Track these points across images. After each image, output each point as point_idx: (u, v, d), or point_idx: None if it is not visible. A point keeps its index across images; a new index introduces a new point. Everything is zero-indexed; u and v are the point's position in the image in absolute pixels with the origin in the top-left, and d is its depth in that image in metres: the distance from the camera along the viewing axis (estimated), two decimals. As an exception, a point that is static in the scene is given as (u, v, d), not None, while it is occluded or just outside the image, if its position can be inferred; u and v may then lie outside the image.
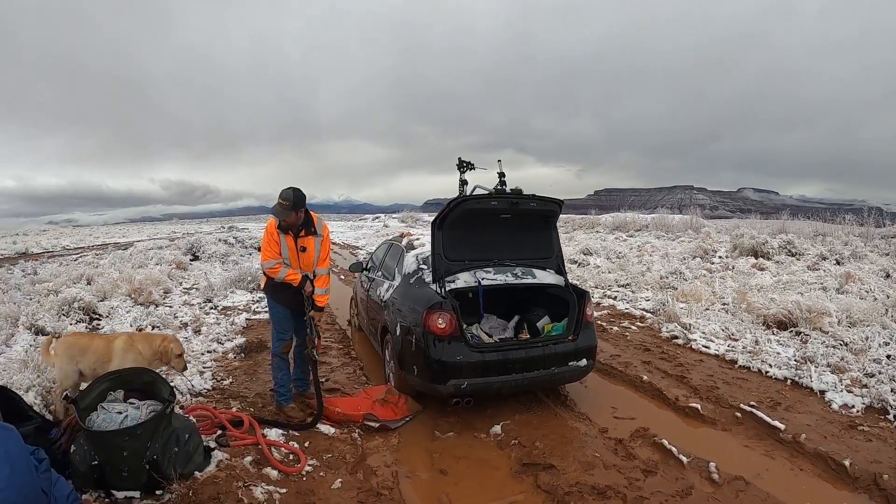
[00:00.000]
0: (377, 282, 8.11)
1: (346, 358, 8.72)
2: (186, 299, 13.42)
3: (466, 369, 5.80)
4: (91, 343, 5.98)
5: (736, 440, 5.64)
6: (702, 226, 28.02)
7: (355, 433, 5.87)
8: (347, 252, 30.61)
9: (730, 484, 4.70)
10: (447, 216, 6.25)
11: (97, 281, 13.97)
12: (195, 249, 23.60)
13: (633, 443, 5.52)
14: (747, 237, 18.97)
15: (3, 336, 8.60)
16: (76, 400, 4.65)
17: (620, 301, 12.47)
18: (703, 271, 15.34)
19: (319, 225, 6.26)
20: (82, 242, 48.36)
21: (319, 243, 6.26)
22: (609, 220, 36.03)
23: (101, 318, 10.81)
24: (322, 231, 6.27)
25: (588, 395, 6.89)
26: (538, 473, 4.95)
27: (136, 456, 4.27)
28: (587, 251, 20.48)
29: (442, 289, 6.18)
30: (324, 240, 6.29)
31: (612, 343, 9.13)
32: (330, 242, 6.47)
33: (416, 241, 7.86)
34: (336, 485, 4.80)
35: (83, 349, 5.89)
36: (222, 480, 4.57)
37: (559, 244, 7.04)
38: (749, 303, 10.25)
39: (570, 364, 6.22)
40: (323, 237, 6.28)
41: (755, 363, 7.54)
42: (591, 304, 6.63)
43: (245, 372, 7.69)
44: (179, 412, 5.39)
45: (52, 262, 22.61)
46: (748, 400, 6.38)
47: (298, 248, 6.19)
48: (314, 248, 6.23)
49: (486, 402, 6.46)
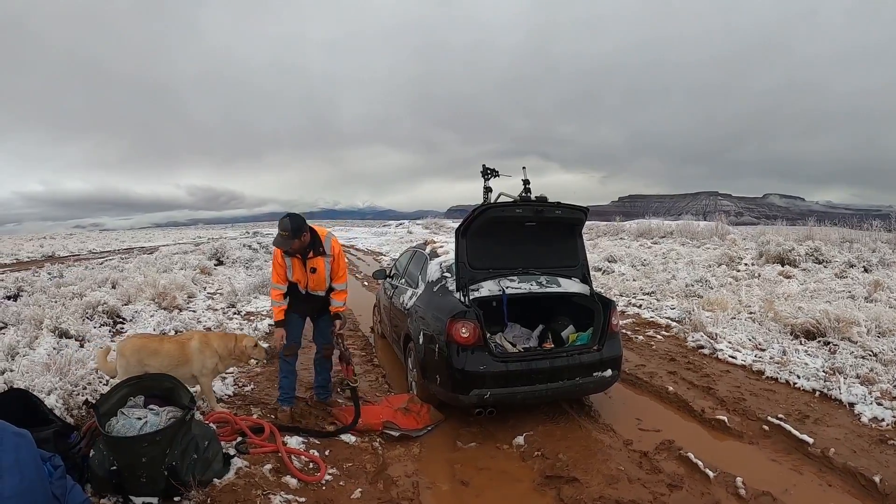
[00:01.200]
0: (400, 289, 8.08)
1: (368, 365, 8.70)
2: (210, 304, 13.49)
3: (490, 379, 5.74)
4: (161, 346, 6.10)
5: (763, 454, 5.51)
6: (727, 232, 27.77)
7: (376, 442, 5.83)
8: (371, 258, 30.66)
9: (756, 499, 4.58)
10: (471, 224, 6.20)
11: (122, 285, 14.08)
12: (219, 254, 23.79)
13: (658, 456, 5.41)
14: (773, 244, 18.74)
15: (27, 339, 8.65)
16: (96, 405, 4.65)
17: (645, 309, 12.36)
18: (729, 279, 15.16)
19: (328, 243, 6.24)
20: (108, 246, 48.96)
21: (329, 263, 6.26)
22: (633, 227, 35.84)
23: (124, 322, 10.88)
24: (331, 251, 6.25)
25: (612, 406, 6.80)
26: (561, 486, 4.87)
27: (154, 462, 4.26)
28: (611, 258, 20.33)
29: (466, 297, 6.13)
30: (334, 259, 6.28)
31: (637, 353, 9.01)
32: (344, 260, 6.46)
33: (440, 248, 7.82)
34: (356, 494, 4.76)
35: (153, 352, 6.00)
36: (241, 488, 4.55)
37: (584, 252, 6.95)
38: (776, 311, 10.08)
39: (594, 374, 6.13)
40: (333, 257, 6.27)
41: (783, 374, 7.37)
42: (617, 314, 6.53)
43: (267, 378, 7.69)
44: (200, 418, 5.38)
45: (77, 265, 22.83)
46: (776, 412, 6.23)
47: (308, 270, 6.22)
48: (324, 269, 6.25)
49: (510, 413, 6.39)
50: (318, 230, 6.20)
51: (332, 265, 6.26)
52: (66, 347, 8.21)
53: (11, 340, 8.34)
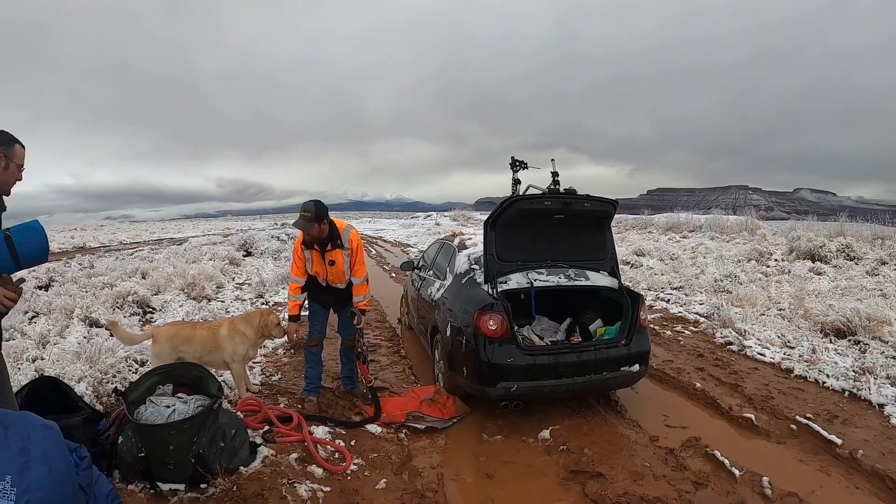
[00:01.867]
0: (428, 281, 8.09)
1: (395, 357, 8.72)
2: (238, 294, 13.62)
3: (516, 372, 5.72)
4: (195, 332, 6.25)
5: (790, 454, 5.41)
6: (757, 227, 27.44)
7: (402, 433, 5.84)
8: (398, 250, 30.74)
9: (782, 500, 4.51)
10: (500, 216, 6.18)
11: (152, 275, 14.27)
12: (248, 245, 23.95)
13: (685, 453, 5.36)
14: (804, 239, 18.45)
15: (58, 328, 8.77)
16: (125, 393, 4.72)
17: (673, 304, 12.25)
18: (758, 275, 14.97)
19: (346, 236, 6.24)
20: (138, 238, 49.49)
21: (347, 256, 6.26)
22: (662, 221, 35.53)
23: (154, 312, 11.01)
24: (349, 244, 6.25)
25: (639, 402, 6.75)
26: (586, 481, 4.84)
27: (182, 449, 4.32)
28: (640, 252, 20.15)
29: (494, 290, 6.12)
30: (352, 252, 6.27)
31: (664, 348, 8.93)
32: (362, 252, 6.44)
33: (469, 240, 7.81)
34: (381, 485, 4.77)
35: (186, 339, 6.16)
36: (267, 476, 4.59)
37: (613, 246, 6.90)
38: (806, 309, 9.94)
39: (622, 369, 6.08)
40: (351, 250, 6.25)
41: (812, 373, 7.26)
42: (646, 308, 6.47)
43: (294, 368, 7.74)
44: (227, 407, 5.43)
45: (108, 256, 23.10)
46: (804, 412, 6.13)
47: (326, 262, 6.25)
48: (342, 261, 6.25)
49: (536, 406, 6.36)
50: (337, 223, 6.22)
51: (350, 258, 6.27)
52: (96, 336, 8.33)
53: (43, 329, 8.48)
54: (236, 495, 4.31)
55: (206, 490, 4.37)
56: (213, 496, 4.32)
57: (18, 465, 2.62)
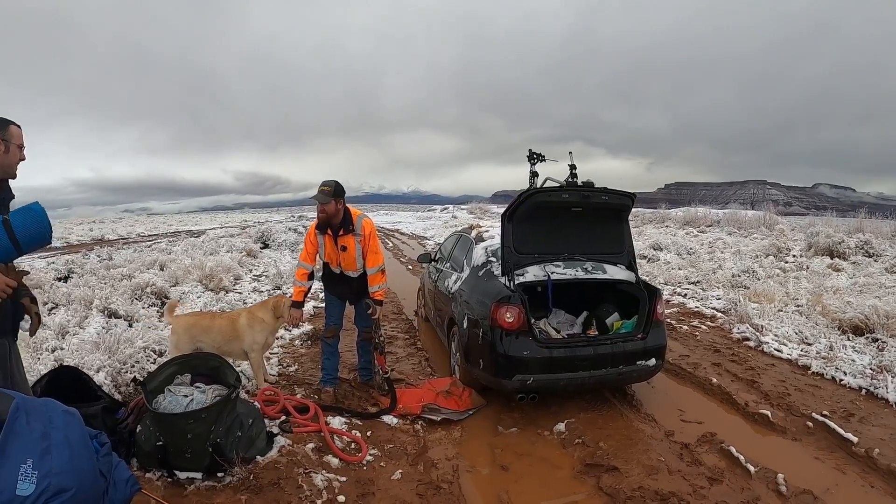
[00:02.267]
0: (445, 273, 8.09)
1: (411, 349, 8.75)
2: (256, 286, 13.68)
3: (533, 365, 5.72)
4: (213, 323, 6.33)
5: (806, 451, 5.37)
6: (775, 222, 27.21)
7: (417, 424, 5.87)
8: (415, 242, 30.75)
9: (797, 498, 4.49)
10: (518, 208, 6.17)
11: (170, 267, 14.35)
12: (265, 238, 24.07)
13: (700, 448, 5.34)
14: (822, 235, 18.27)
15: (77, 318, 8.85)
16: (144, 382, 4.76)
17: (690, 299, 12.19)
18: (776, 270, 14.85)
19: (359, 223, 6.23)
20: (156, 230, 49.83)
21: (359, 242, 6.24)
22: (679, 215, 35.31)
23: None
24: (362, 230, 6.23)
25: (655, 396, 6.73)
26: (601, 475, 4.85)
27: (199, 438, 4.37)
28: (657, 246, 20.03)
29: (511, 282, 6.10)
30: (364, 238, 6.24)
31: (680, 342, 8.90)
32: (376, 241, 6.41)
33: (486, 233, 7.81)
34: (396, 476, 4.80)
35: (205, 329, 6.23)
36: (283, 466, 4.63)
37: (631, 239, 6.87)
38: (824, 305, 9.84)
39: (638, 363, 6.06)
40: (363, 236, 6.23)
41: (829, 370, 7.20)
42: (662, 302, 6.44)
43: (311, 359, 7.79)
44: (245, 397, 5.47)
45: (126, 248, 23.27)
46: (820, 409, 6.09)
47: (339, 248, 6.25)
48: (354, 248, 6.24)
49: (551, 399, 6.37)
50: (352, 210, 6.22)
51: (362, 245, 6.25)
52: (114, 327, 8.39)
53: (62, 320, 8.56)
54: (253, 484, 4.35)
55: (223, 479, 4.41)
56: (230, 485, 4.36)
57: (40, 450, 2.66)
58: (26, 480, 2.55)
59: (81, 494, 2.76)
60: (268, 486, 4.35)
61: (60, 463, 2.70)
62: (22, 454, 2.59)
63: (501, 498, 4.60)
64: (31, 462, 2.60)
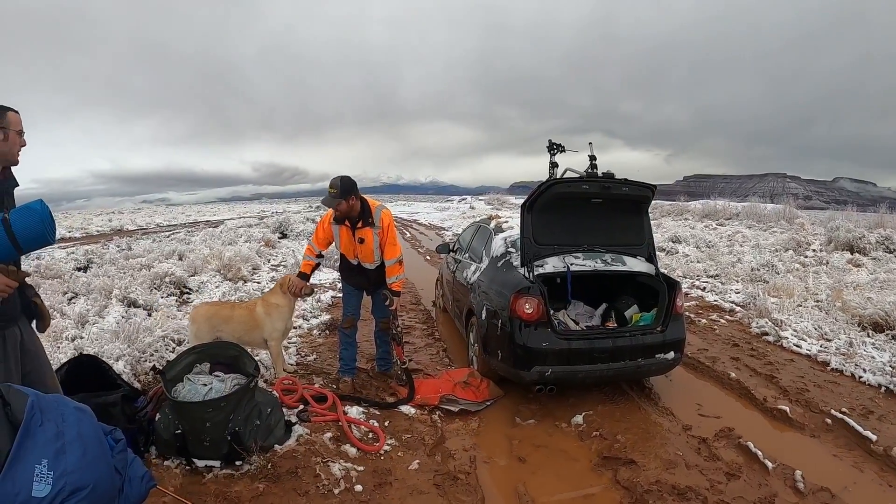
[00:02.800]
0: (464, 264, 8.08)
1: (429, 339, 8.77)
2: (274, 276, 13.72)
3: (551, 356, 5.71)
4: (233, 312, 6.36)
5: (824, 448, 5.32)
6: (795, 216, 26.98)
7: (435, 415, 5.88)
8: (433, 233, 30.75)
9: (815, 495, 4.44)
10: (537, 199, 6.14)
11: (188, 257, 14.43)
12: (283, 228, 24.18)
13: (717, 443, 5.31)
14: (843, 230, 18.03)
15: (97, 308, 8.92)
16: (163, 371, 4.80)
17: (709, 292, 12.09)
18: (796, 265, 14.69)
19: (378, 214, 6.18)
20: (175, 220, 50.13)
21: (378, 234, 6.20)
22: (698, 208, 35.06)
23: (191, 293, 11.14)
24: (380, 222, 6.19)
25: (673, 390, 6.70)
26: (618, 468, 4.84)
27: (218, 427, 4.40)
28: (676, 239, 19.89)
29: (530, 273, 6.08)
30: (382, 230, 6.20)
31: (699, 336, 8.84)
32: (394, 232, 6.38)
33: (505, 223, 7.79)
34: (413, 466, 4.81)
35: (225, 318, 6.26)
36: (301, 455, 4.67)
37: (650, 231, 6.81)
38: (844, 301, 9.74)
39: (657, 356, 6.03)
40: (381, 228, 6.19)
41: (848, 367, 7.11)
42: (682, 295, 6.40)
43: (329, 349, 7.81)
44: (263, 386, 5.49)
45: (145, 238, 23.41)
46: (839, 406, 6.02)
47: (356, 240, 6.23)
48: (372, 240, 6.21)
49: (569, 391, 6.35)
50: (370, 202, 6.19)
51: (380, 237, 6.22)
52: (134, 316, 8.48)
53: (82, 309, 8.64)
54: (270, 473, 4.38)
55: (241, 467, 4.44)
56: (248, 473, 4.39)
57: (55, 449, 2.65)
58: (42, 482, 2.54)
59: (97, 492, 2.76)
60: (285, 475, 4.38)
61: (75, 461, 2.69)
62: (37, 455, 2.59)
63: (518, 489, 4.61)
64: (46, 462, 2.59)
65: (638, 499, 4.42)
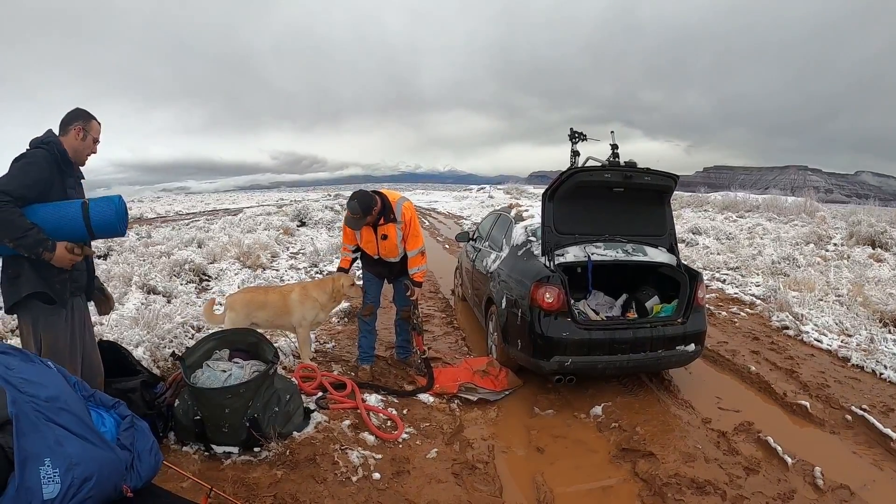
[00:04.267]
0: (483, 252, 8.05)
1: (448, 327, 8.78)
2: (293, 263, 13.79)
3: (571, 346, 5.67)
4: (267, 297, 6.37)
5: (844, 445, 5.25)
6: (816, 210, 26.77)
7: (454, 403, 5.89)
8: (452, 222, 30.73)
9: (834, 492, 4.39)
10: (559, 187, 6.08)
11: (207, 244, 14.52)
12: (302, 216, 24.25)
13: (737, 437, 5.27)
14: (864, 224, 17.84)
15: (116, 295, 8.97)
16: (182, 357, 4.81)
17: (729, 285, 12.02)
18: (817, 259, 14.55)
19: (399, 209, 6.17)
20: (194, 209, 50.41)
21: (401, 229, 6.21)
22: (718, 199, 34.82)
23: (210, 280, 11.20)
24: (402, 217, 6.18)
25: (692, 382, 6.65)
26: (637, 460, 4.82)
27: (236, 413, 4.41)
28: (696, 230, 19.78)
29: (551, 262, 6.04)
30: (405, 225, 6.21)
31: (719, 329, 8.78)
32: (416, 225, 6.38)
33: (525, 212, 7.75)
34: (431, 454, 4.81)
35: (260, 305, 6.29)
36: (319, 442, 4.67)
37: (672, 222, 6.74)
38: (865, 296, 9.64)
39: (677, 348, 5.97)
40: (404, 223, 6.19)
41: (869, 363, 7.03)
42: (704, 287, 6.33)
43: (348, 336, 7.84)
44: (282, 373, 5.50)
45: (165, 226, 23.53)
46: (860, 402, 5.95)
47: (379, 237, 6.23)
48: (395, 235, 6.21)
49: (588, 382, 6.33)
50: (388, 196, 6.17)
51: (403, 231, 6.22)
52: (153, 303, 8.51)
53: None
54: (289, 459, 4.39)
55: (260, 454, 4.46)
56: (266, 460, 4.41)
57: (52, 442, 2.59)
58: (50, 483, 2.48)
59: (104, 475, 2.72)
60: (304, 462, 4.39)
61: (77, 452, 2.63)
62: (39, 454, 2.51)
63: (536, 480, 4.60)
64: (49, 461, 2.52)
65: (656, 492, 4.39)
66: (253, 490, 4.03)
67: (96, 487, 2.67)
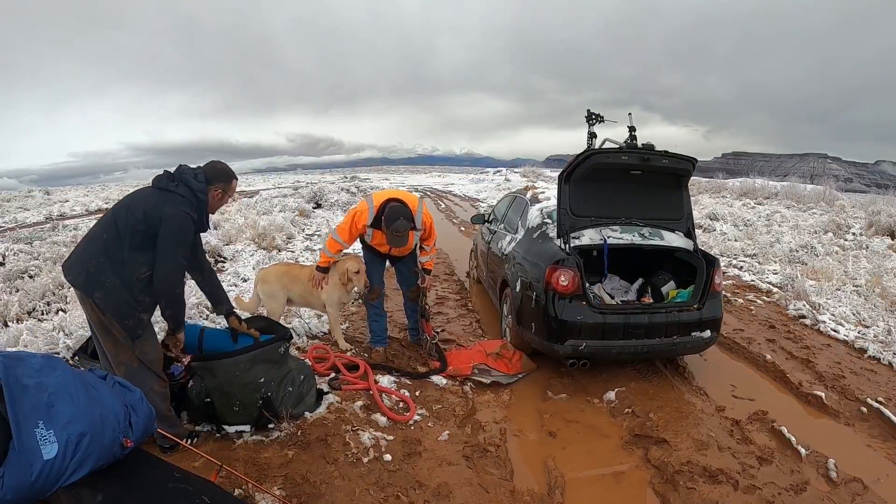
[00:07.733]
0: (499, 234, 8.01)
1: (462, 310, 8.76)
2: (308, 245, 13.82)
3: (586, 330, 5.63)
4: (301, 272, 6.42)
5: (858, 437, 5.18)
6: (835, 198, 26.47)
7: (466, 386, 5.88)
8: (468, 204, 30.68)
9: (847, 485, 4.33)
10: (575, 169, 6.02)
11: (223, 226, 14.52)
12: (318, 198, 24.29)
13: (751, 426, 5.22)
14: (884, 215, 17.61)
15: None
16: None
17: (746, 272, 11.90)
18: (835, 248, 14.38)
19: (419, 218, 6.07)
20: (210, 191, 50.45)
21: (419, 235, 6.21)
22: (736, 186, 34.51)
23: (225, 261, 11.21)
24: (422, 224, 6.13)
25: (707, 370, 6.60)
26: (649, 447, 4.80)
27: (248, 389, 4.43)
28: (713, 216, 19.64)
29: (566, 245, 5.98)
30: (424, 231, 6.20)
31: (735, 316, 8.69)
32: (434, 232, 6.41)
33: (541, 194, 7.70)
34: (443, 437, 4.82)
35: (294, 277, 6.35)
36: (331, 423, 4.69)
37: (690, 206, 6.67)
38: (883, 287, 9.51)
39: (692, 334, 5.92)
40: (424, 230, 6.18)
41: (886, 355, 6.92)
42: (721, 273, 6.27)
43: (361, 318, 7.79)
44: (295, 353, 5.49)
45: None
46: (876, 395, 5.85)
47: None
48: (413, 240, 6.22)
49: (602, 367, 6.30)
50: (408, 203, 6.01)
51: (421, 235, 6.23)
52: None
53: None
54: (300, 440, 4.41)
55: (271, 433, 4.48)
56: (278, 440, 4.43)
57: (45, 404, 2.58)
58: (46, 443, 2.49)
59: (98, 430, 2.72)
60: (315, 443, 4.40)
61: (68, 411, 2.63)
62: (32, 417, 2.52)
63: (548, 464, 4.59)
64: (42, 423, 2.53)
65: (668, 479, 4.38)
66: (264, 470, 4.05)
67: (94, 442, 2.67)
